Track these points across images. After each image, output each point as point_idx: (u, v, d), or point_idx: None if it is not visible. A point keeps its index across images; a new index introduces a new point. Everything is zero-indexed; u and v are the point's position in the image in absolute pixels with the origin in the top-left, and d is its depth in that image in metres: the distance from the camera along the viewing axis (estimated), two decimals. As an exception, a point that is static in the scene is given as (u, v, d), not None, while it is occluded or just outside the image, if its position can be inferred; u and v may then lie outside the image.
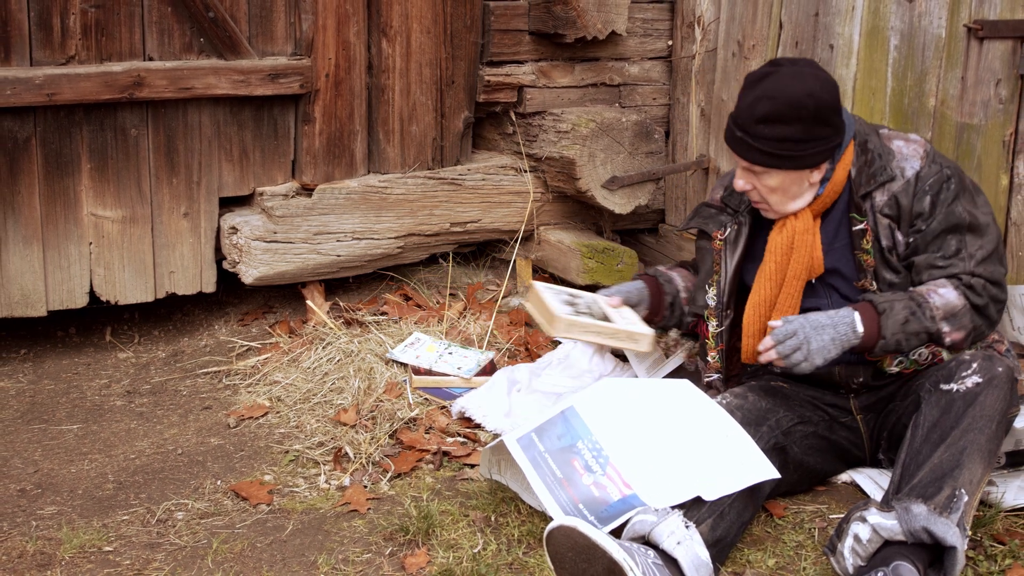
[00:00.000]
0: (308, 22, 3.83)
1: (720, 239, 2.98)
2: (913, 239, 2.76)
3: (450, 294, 4.07)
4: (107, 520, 2.82)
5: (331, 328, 3.78)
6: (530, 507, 2.76)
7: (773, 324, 2.71)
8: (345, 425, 3.26)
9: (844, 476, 2.97)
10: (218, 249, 3.91)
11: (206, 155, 3.83)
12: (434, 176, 4.06)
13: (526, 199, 4.21)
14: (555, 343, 3.78)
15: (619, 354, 3.53)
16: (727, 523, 2.53)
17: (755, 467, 2.60)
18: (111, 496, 2.95)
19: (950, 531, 2.38)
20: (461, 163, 4.19)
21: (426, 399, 3.42)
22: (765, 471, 2.59)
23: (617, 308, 3.07)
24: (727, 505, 2.54)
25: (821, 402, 2.92)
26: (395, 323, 3.85)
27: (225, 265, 3.90)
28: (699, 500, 2.52)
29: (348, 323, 3.86)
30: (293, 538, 2.73)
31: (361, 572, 2.58)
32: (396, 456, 3.11)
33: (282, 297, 4.13)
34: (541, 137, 4.14)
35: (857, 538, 2.43)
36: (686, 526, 2.45)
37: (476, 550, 2.63)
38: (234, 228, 3.83)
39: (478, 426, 3.28)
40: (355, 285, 4.13)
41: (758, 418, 2.79)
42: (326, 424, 3.29)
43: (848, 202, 2.82)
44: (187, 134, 3.78)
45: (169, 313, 4.17)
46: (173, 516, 2.84)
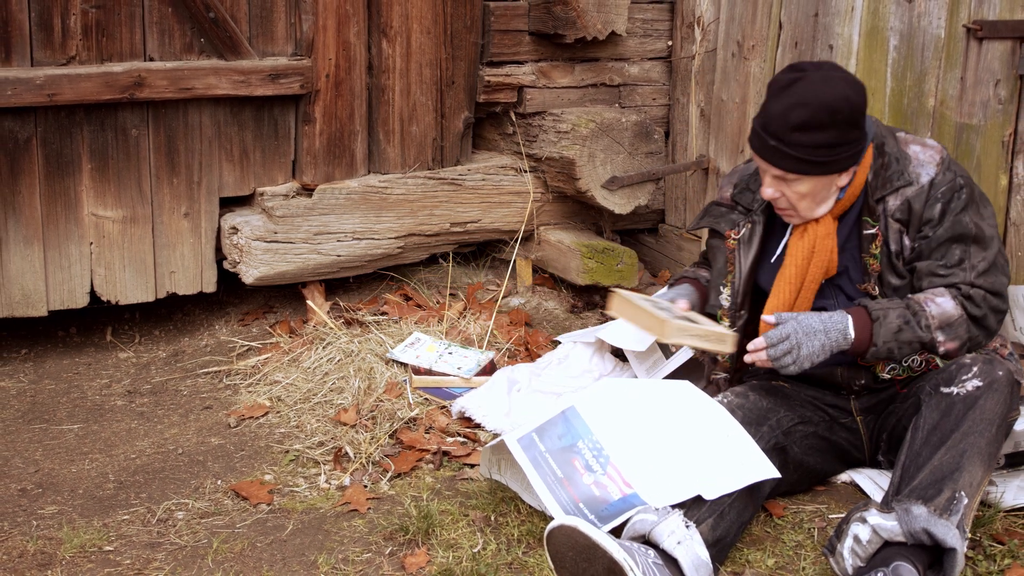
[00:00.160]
0: (308, 22, 3.83)
1: (734, 239, 2.95)
2: (918, 244, 2.75)
3: (450, 294, 4.08)
4: (107, 520, 2.82)
5: (331, 328, 3.78)
6: (530, 507, 2.77)
7: (767, 319, 2.71)
8: (345, 425, 3.27)
9: (844, 476, 2.97)
10: (218, 249, 3.92)
11: (207, 155, 3.83)
12: (434, 176, 4.06)
13: (526, 199, 4.21)
14: (555, 343, 3.79)
15: (619, 354, 3.53)
16: (727, 523, 2.54)
17: (755, 466, 2.60)
18: (112, 496, 2.95)
19: (950, 533, 2.38)
20: (461, 163, 4.19)
21: (426, 399, 3.42)
22: (765, 470, 2.60)
23: (687, 312, 2.97)
24: (727, 505, 2.54)
25: (822, 402, 2.92)
26: (395, 323, 3.85)
27: (226, 265, 3.90)
28: (699, 500, 2.52)
29: (348, 323, 3.86)
30: (293, 538, 2.73)
31: (361, 572, 2.58)
32: (396, 456, 3.11)
33: (282, 297, 4.13)
34: (541, 137, 4.14)
35: (857, 539, 2.43)
36: (686, 526, 2.46)
37: (476, 550, 2.63)
38: (234, 228, 3.83)
39: (478, 426, 3.28)
40: (355, 285, 4.13)
41: (759, 418, 2.79)
42: (326, 424, 3.30)
43: (862, 205, 2.80)
44: (188, 134, 3.79)
45: (170, 313, 4.17)
46: (173, 516, 2.85)
